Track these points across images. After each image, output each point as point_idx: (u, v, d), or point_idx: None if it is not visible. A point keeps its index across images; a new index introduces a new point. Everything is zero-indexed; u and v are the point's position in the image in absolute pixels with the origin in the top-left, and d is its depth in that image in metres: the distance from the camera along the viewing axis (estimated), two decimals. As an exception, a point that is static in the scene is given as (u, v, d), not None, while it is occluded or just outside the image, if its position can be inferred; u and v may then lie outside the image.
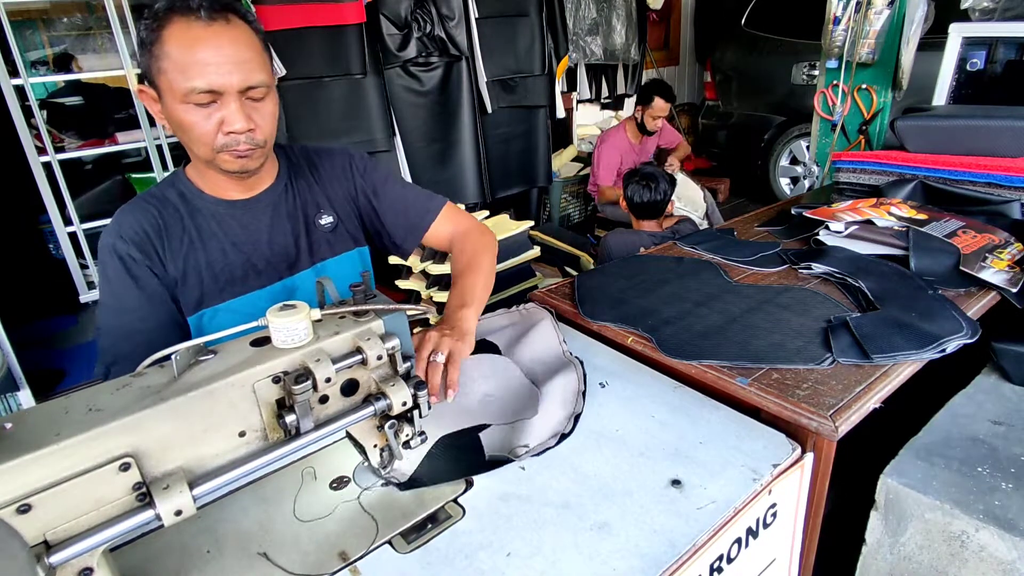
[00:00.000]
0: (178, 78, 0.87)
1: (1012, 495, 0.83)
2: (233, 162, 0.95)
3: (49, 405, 0.58)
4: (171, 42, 0.87)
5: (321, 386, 0.65)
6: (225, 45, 0.88)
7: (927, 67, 2.47)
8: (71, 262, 3.19)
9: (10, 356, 2.33)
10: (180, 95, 0.88)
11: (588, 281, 1.38)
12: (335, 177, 1.16)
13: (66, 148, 3.19)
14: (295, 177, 1.12)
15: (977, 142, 1.64)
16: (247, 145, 0.94)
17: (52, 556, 0.52)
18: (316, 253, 1.12)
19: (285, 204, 1.09)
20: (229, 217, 1.04)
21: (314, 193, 1.13)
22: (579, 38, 4.47)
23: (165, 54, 0.87)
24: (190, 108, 0.89)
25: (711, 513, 0.76)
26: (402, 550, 0.72)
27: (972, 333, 1.06)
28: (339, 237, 1.16)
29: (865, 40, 2.36)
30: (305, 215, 1.11)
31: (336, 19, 2.86)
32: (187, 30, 0.87)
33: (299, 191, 1.11)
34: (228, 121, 0.91)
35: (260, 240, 1.06)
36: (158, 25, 0.87)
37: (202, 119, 0.90)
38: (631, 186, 2.37)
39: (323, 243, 1.13)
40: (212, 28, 0.88)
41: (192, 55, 0.86)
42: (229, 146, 0.93)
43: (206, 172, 1.02)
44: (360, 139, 3.08)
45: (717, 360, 1.03)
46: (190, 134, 0.92)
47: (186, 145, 0.97)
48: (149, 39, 0.88)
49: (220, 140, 0.92)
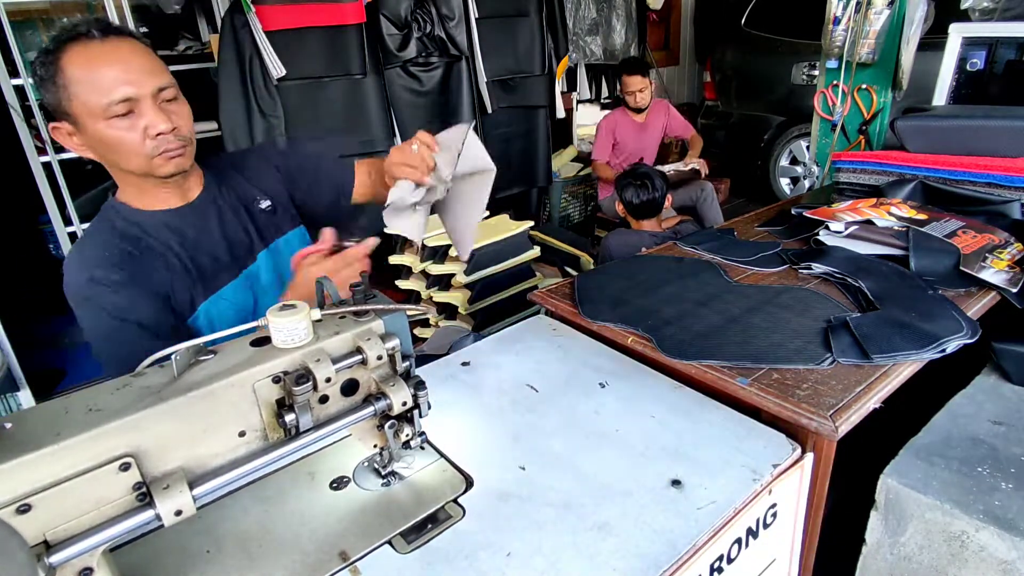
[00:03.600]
0: (92, 97, 0.89)
1: (1012, 495, 0.83)
2: (168, 164, 0.97)
3: (49, 405, 0.58)
4: (73, 67, 0.89)
5: (321, 386, 0.65)
6: (126, 56, 0.92)
7: (927, 67, 2.47)
8: (71, 262, 3.19)
9: (10, 356, 2.33)
10: (99, 112, 0.90)
11: (588, 281, 1.38)
12: (260, 167, 1.20)
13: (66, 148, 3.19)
14: (223, 179, 1.15)
15: (977, 142, 1.64)
16: (177, 143, 0.97)
17: (52, 556, 0.52)
18: (265, 235, 1.16)
19: (225, 200, 1.12)
20: (179, 224, 1.05)
21: (244, 187, 1.17)
22: (579, 38, 4.47)
23: (71, 80, 0.89)
24: (112, 123, 0.91)
25: (711, 513, 0.76)
26: (402, 550, 0.72)
27: (972, 333, 1.06)
28: (281, 217, 1.20)
29: (865, 40, 2.36)
30: (246, 204, 1.15)
31: (336, 19, 2.86)
32: (85, 51, 0.90)
33: (232, 187, 1.15)
34: (152, 124, 0.93)
35: (214, 237, 1.08)
36: (54, 58, 0.90)
37: (126, 130, 0.93)
38: (626, 188, 2.37)
39: (268, 225, 1.17)
40: (108, 44, 0.91)
41: (99, 72, 0.89)
42: (159, 148, 0.95)
43: (141, 187, 1.02)
44: (360, 139, 3.08)
45: (717, 360, 1.03)
46: (120, 149, 0.94)
47: (115, 164, 0.98)
48: (49, 73, 0.90)
49: (149, 145, 0.94)
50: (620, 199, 2.43)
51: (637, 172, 2.38)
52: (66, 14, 3.62)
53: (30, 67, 0.98)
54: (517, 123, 3.72)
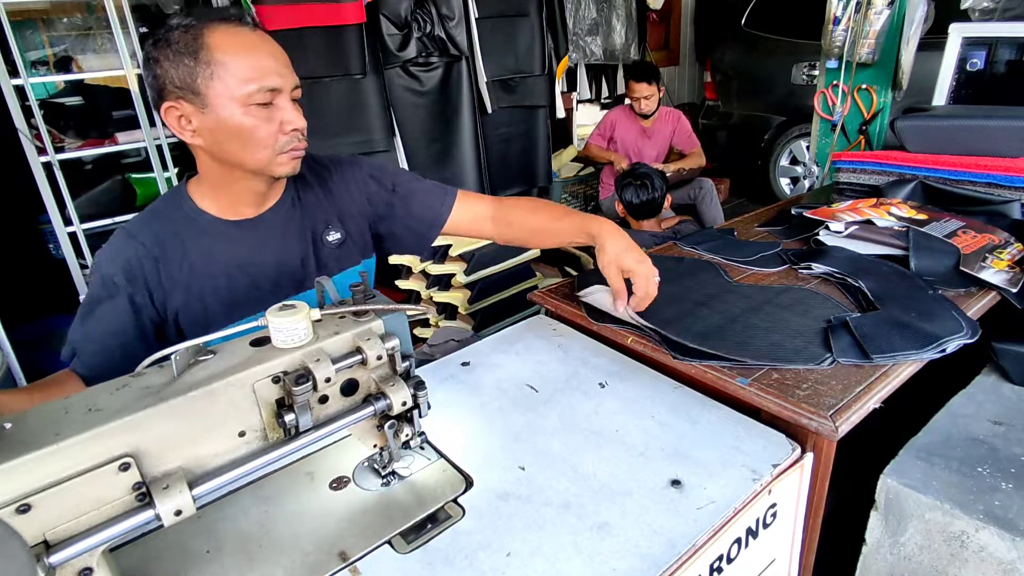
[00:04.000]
0: (238, 80, 0.87)
1: (1012, 495, 0.83)
2: (288, 163, 0.96)
3: (49, 405, 0.58)
4: (224, 48, 0.87)
5: (321, 386, 0.65)
6: (274, 48, 0.92)
7: (927, 67, 2.47)
8: (71, 262, 3.19)
9: (10, 356, 2.33)
10: (241, 97, 0.88)
11: (589, 281, 1.38)
12: (346, 190, 1.13)
13: (66, 148, 3.20)
14: (302, 191, 1.09)
15: (977, 142, 1.64)
16: (303, 143, 0.96)
17: (52, 556, 0.52)
18: (323, 270, 1.10)
19: (293, 222, 1.07)
20: (236, 239, 1.02)
21: (323, 208, 1.10)
22: (579, 38, 4.47)
23: (218, 60, 0.87)
24: (250, 110, 0.89)
25: (711, 513, 0.76)
26: (402, 550, 0.72)
27: (972, 333, 1.06)
28: (345, 252, 1.13)
29: (865, 40, 2.36)
30: (313, 233, 1.09)
31: (336, 19, 2.86)
32: (239, 35, 0.88)
33: (307, 206, 1.09)
34: (289, 120, 0.92)
35: (267, 262, 1.04)
36: (198, 33, 0.87)
37: (263, 121, 0.91)
38: (626, 188, 2.37)
39: (331, 260, 1.11)
40: (258, 33, 0.91)
41: (252, 57, 0.88)
42: (288, 145, 0.94)
43: (228, 191, 1.00)
44: (360, 139, 3.08)
45: (717, 360, 1.03)
46: (250, 139, 0.91)
47: (227, 157, 0.94)
48: (190, 48, 0.87)
49: (281, 140, 0.93)
50: (620, 199, 2.43)
51: (637, 172, 2.38)
52: (66, 14, 3.62)
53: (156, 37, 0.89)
54: (517, 123, 3.72)
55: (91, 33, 3.70)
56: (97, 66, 3.65)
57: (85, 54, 3.66)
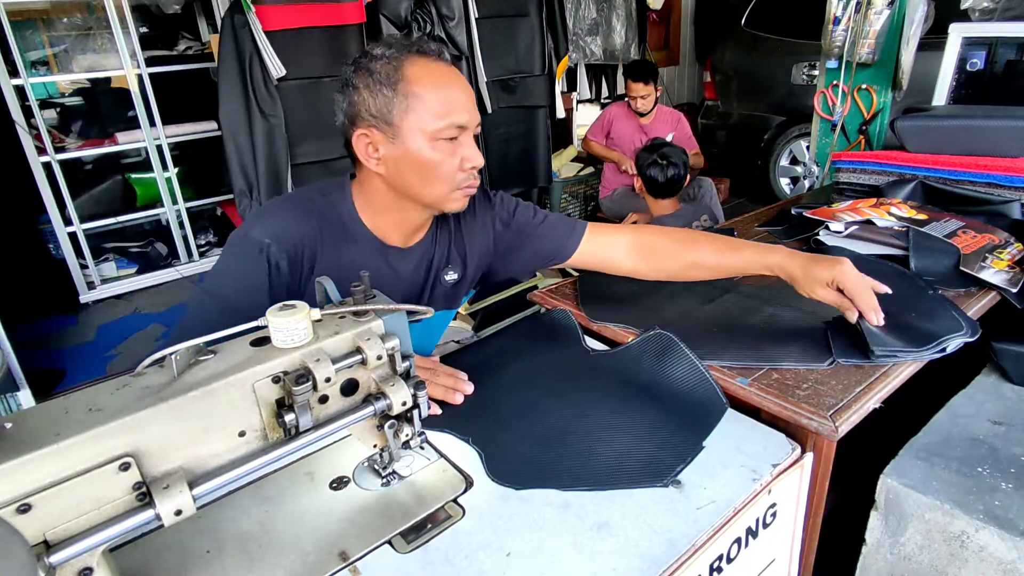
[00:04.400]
0: (431, 115, 0.89)
1: (1012, 495, 0.83)
2: (461, 200, 0.97)
3: (49, 405, 0.58)
4: (421, 81, 0.89)
5: (321, 386, 0.65)
6: (465, 85, 0.93)
7: (927, 67, 2.47)
8: (71, 262, 3.19)
9: (10, 356, 2.32)
10: (432, 132, 0.90)
11: (590, 281, 1.38)
12: (475, 231, 1.13)
13: (66, 148, 3.19)
14: (440, 227, 1.09)
15: (977, 142, 1.64)
16: (477, 181, 0.97)
17: (52, 556, 0.52)
18: (435, 306, 1.11)
19: (426, 258, 1.08)
20: (383, 262, 1.02)
21: (450, 247, 1.11)
22: (579, 38, 4.47)
23: (413, 93, 0.89)
24: (438, 145, 0.91)
25: (711, 513, 0.76)
26: (402, 550, 0.72)
27: (972, 333, 1.06)
28: (457, 292, 1.15)
29: (865, 40, 2.36)
30: (436, 269, 1.10)
31: (336, 19, 2.86)
32: (435, 69, 0.90)
33: (439, 244, 1.09)
34: (469, 158, 0.94)
35: (397, 289, 1.05)
36: (399, 64, 0.89)
37: (448, 155, 0.92)
38: (650, 167, 2.30)
39: (441, 297, 1.12)
40: (453, 69, 0.93)
41: (447, 92, 0.90)
42: (466, 181, 0.95)
43: (388, 217, 1.00)
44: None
45: (717, 360, 1.03)
46: (433, 172, 0.92)
47: (414, 186, 0.95)
48: (390, 79, 0.89)
49: (460, 177, 0.94)
50: (641, 176, 2.38)
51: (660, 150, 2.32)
52: (66, 14, 3.62)
53: (358, 65, 0.91)
54: (517, 123, 3.72)
55: (91, 33, 3.70)
56: (97, 66, 3.64)
57: (85, 54, 3.66)
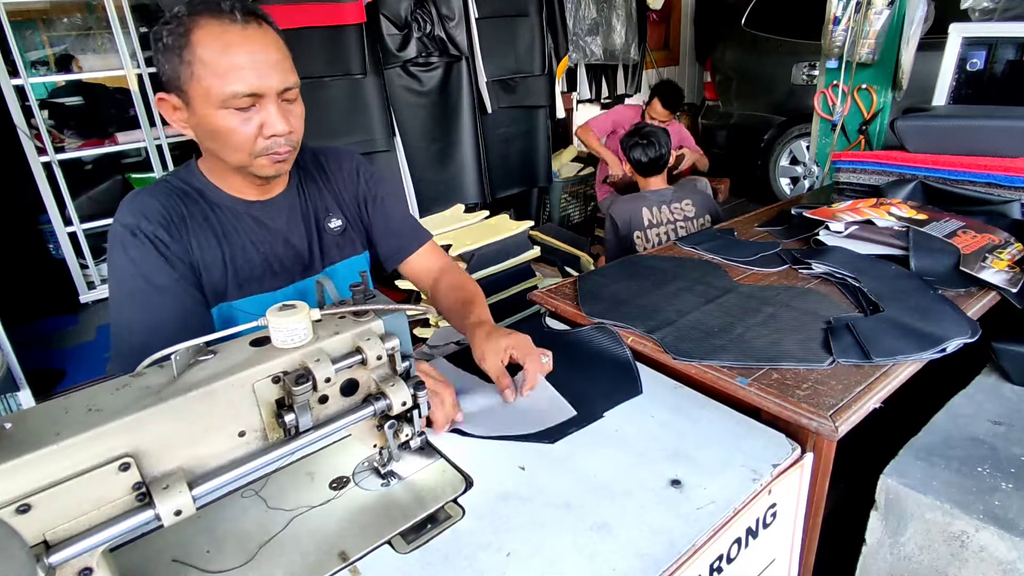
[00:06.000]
0: (216, 83, 0.85)
1: (1012, 495, 0.83)
2: (270, 167, 0.94)
3: (49, 405, 0.58)
4: (205, 46, 0.85)
5: (321, 386, 0.65)
6: (261, 48, 0.87)
7: (927, 67, 2.47)
8: (71, 262, 3.19)
9: (10, 356, 2.32)
10: (218, 100, 0.86)
11: (590, 281, 1.38)
12: (344, 179, 1.15)
13: (66, 148, 3.19)
14: (305, 179, 1.11)
15: (977, 142, 1.64)
16: (286, 147, 0.93)
17: (52, 556, 0.52)
18: (327, 256, 1.11)
19: (299, 207, 1.08)
20: (248, 216, 1.02)
21: (323, 196, 1.12)
22: (579, 38, 4.46)
23: (198, 59, 0.85)
24: (228, 113, 0.87)
25: (711, 513, 0.76)
26: (402, 550, 0.72)
27: (972, 333, 1.06)
28: (347, 240, 1.15)
29: (865, 40, 2.36)
30: (316, 218, 1.10)
31: (336, 19, 2.85)
32: (222, 34, 0.85)
33: (309, 194, 1.10)
34: (269, 124, 0.89)
35: (277, 241, 1.05)
36: (186, 30, 0.85)
37: (241, 124, 0.89)
38: (634, 148, 2.39)
39: (333, 247, 1.13)
40: (247, 31, 0.87)
41: (231, 59, 0.85)
42: (269, 149, 0.92)
43: (227, 174, 1.00)
44: (360, 139, 3.08)
45: (717, 360, 1.03)
46: (228, 140, 0.90)
47: (216, 152, 0.94)
48: (176, 44, 0.85)
49: (260, 144, 0.91)
50: (628, 159, 2.45)
51: (642, 131, 2.41)
52: (66, 14, 3.62)
53: (154, 31, 0.88)
54: (517, 123, 3.72)
55: (91, 33, 3.70)
56: (97, 66, 3.64)
57: (85, 54, 3.66)
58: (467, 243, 2.35)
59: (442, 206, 3.07)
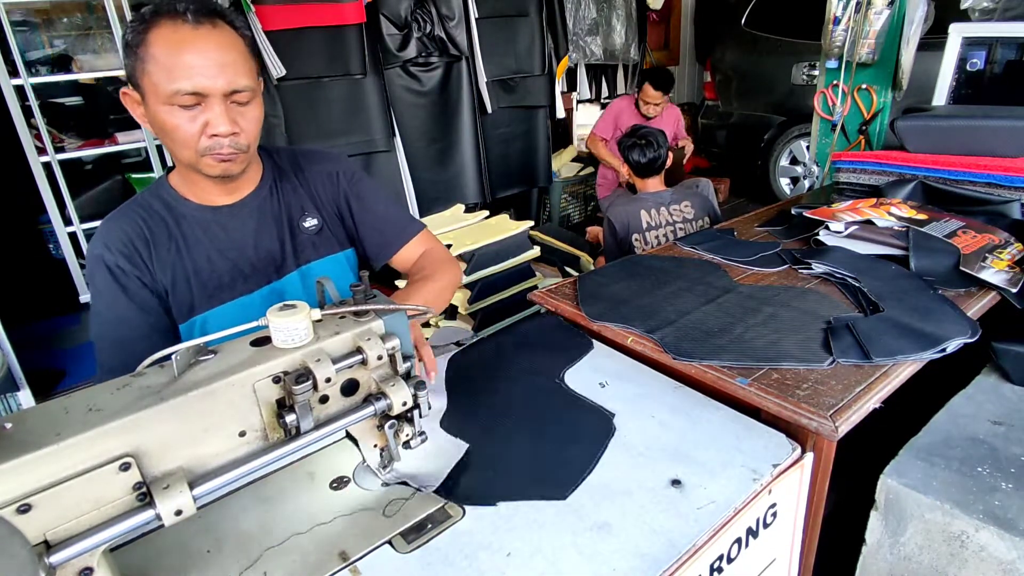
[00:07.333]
0: (163, 80, 0.87)
1: (1012, 495, 0.83)
2: (215, 166, 0.96)
3: (49, 405, 0.58)
4: (157, 44, 0.87)
5: (321, 386, 0.65)
6: (211, 48, 0.89)
7: (927, 67, 2.47)
8: (71, 262, 3.19)
9: (10, 356, 2.33)
10: (164, 97, 0.88)
11: (590, 281, 1.38)
12: (321, 180, 1.16)
13: (66, 148, 3.19)
14: (280, 180, 1.12)
15: (977, 142, 1.64)
16: (230, 149, 0.94)
17: (52, 556, 0.52)
18: (301, 255, 1.12)
19: (270, 207, 1.09)
20: (214, 223, 1.04)
21: (299, 196, 1.13)
22: (579, 38, 4.47)
23: (150, 56, 0.87)
24: (174, 110, 0.89)
25: (711, 513, 0.76)
26: (402, 550, 0.72)
27: (972, 333, 1.06)
28: (324, 239, 1.15)
29: (865, 40, 2.36)
30: (289, 218, 1.11)
31: (336, 19, 2.85)
32: (173, 32, 0.87)
33: (283, 193, 1.11)
34: (212, 124, 0.91)
35: (246, 245, 1.06)
36: (144, 27, 0.88)
37: (186, 121, 0.90)
38: (631, 149, 2.40)
39: (308, 245, 1.13)
40: (199, 31, 0.89)
41: (178, 57, 0.87)
42: (212, 149, 0.93)
43: (190, 177, 1.02)
44: (360, 139, 3.08)
45: (717, 360, 1.03)
46: (173, 136, 0.92)
47: (169, 148, 0.97)
48: (135, 41, 0.88)
49: (203, 143, 0.92)
50: (625, 160, 2.46)
51: (639, 132, 2.41)
52: (66, 14, 3.62)
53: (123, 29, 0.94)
54: (517, 123, 3.72)
55: (91, 33, 3.70)
56: (97, 66, 3.64)
57: (85, 54, 3.66)
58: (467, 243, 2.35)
59: (442, 206, 3.07)
